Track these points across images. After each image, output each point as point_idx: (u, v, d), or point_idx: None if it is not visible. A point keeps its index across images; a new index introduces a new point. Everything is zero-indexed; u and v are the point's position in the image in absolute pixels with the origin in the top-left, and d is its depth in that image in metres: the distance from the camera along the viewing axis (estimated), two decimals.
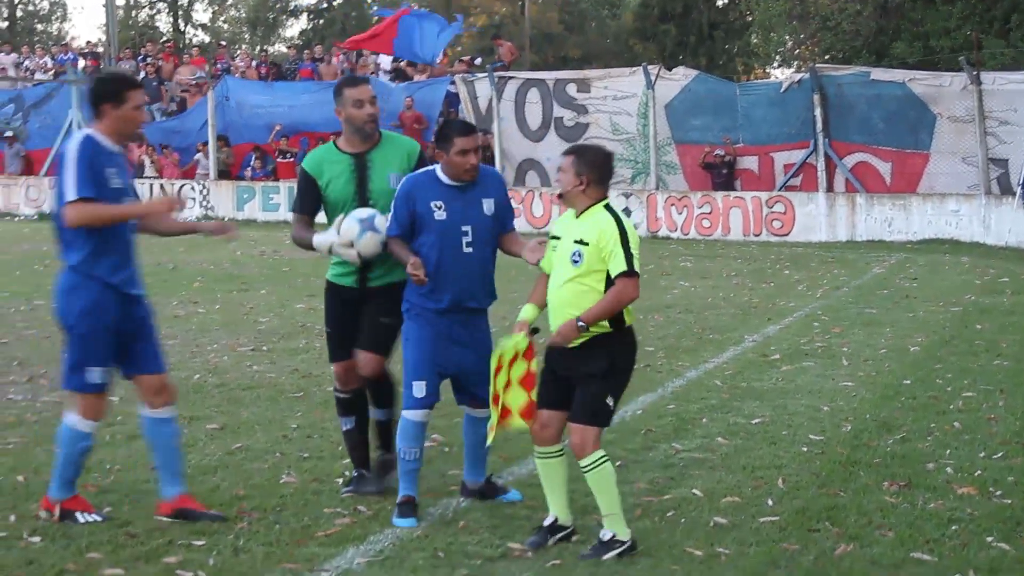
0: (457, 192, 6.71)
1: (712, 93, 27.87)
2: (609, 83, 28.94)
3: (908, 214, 25.26)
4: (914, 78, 25.86)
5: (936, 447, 7.97)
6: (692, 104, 27.72)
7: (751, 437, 8.34)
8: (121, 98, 6.38)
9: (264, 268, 20.03)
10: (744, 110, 27.43)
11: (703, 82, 28.27)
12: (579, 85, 29.20)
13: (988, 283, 17.99)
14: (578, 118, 28.99)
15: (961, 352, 11.77)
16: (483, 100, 30.17)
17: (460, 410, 6.95)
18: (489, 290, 6.85)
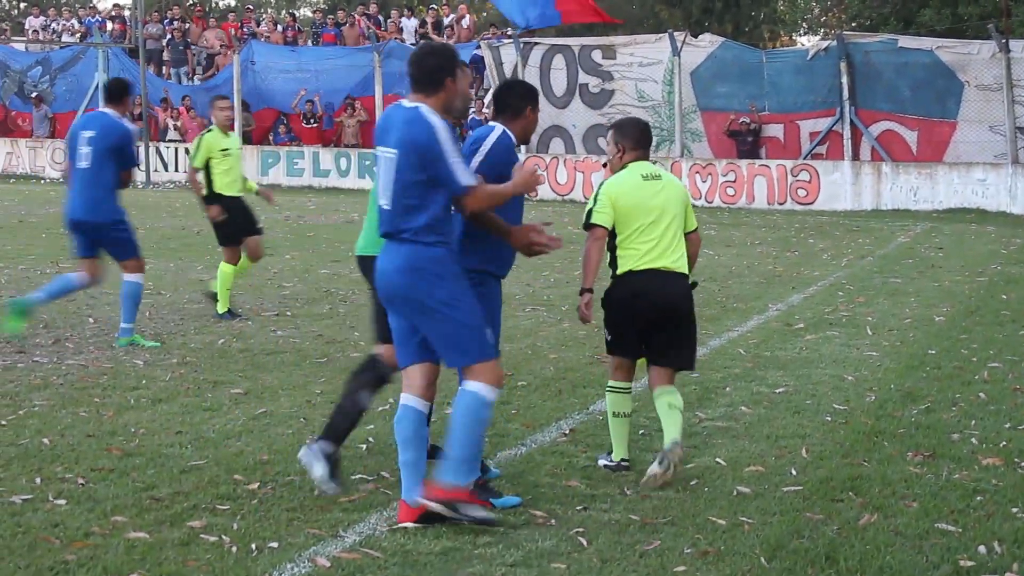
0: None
1: (738, 60, 27.72)
2: (635, 50, 28.82)
3: (934, 183, 25.12)
4: (942, 46, 25.68)
5: (961, 417, 7.92)
6: (718, 71, 27.61)
7: (775, 406, 8.30)
8: (457, 73, 6.02)
9: (288, 233, 20.04)
10: (770, 78, 27.28)
11: (729, 49, 28.12)
12: (604, 51, 29.09)
13: (1014, 253, 17.88)
14: (603, 85, 28.88)
15: (987, 322, 11.70)
16: (508, 66, 30.08)
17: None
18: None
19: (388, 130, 5.93)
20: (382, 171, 5.93)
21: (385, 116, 6.08)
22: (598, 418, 7.91)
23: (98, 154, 10.08)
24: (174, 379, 8.97)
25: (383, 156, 5.91)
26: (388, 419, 7.79)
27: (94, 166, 10.09)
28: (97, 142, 10.10)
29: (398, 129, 5.86)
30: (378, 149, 5.98)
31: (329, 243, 18.57)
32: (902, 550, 5.54)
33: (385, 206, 5.91)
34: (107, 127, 10.18)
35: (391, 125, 5.92)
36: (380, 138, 5.99)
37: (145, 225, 20.84)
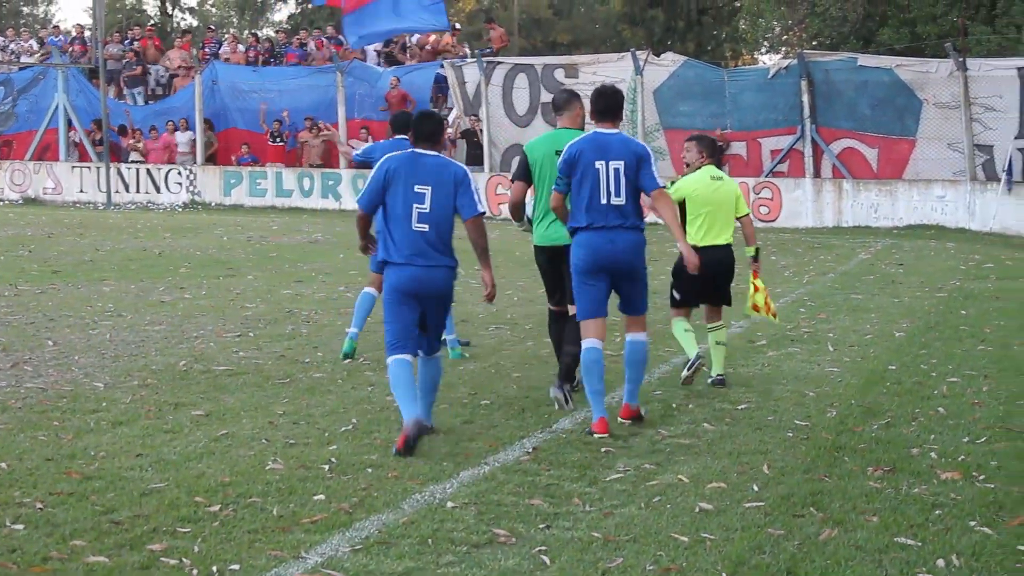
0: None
1: (700, 79, 27.85)
2: (597, 68, 28.89)
3: (894, 200, 25.31)
4: (901, 64, 25.91)
5: (920, 432, 7.98)
6: (680, 90, 27.73)
7: (737, 423, 8.34)
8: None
9: (251, 253, 19.99)
10: (732, 96, 27.42)
11: (691, 68, 28.25)
12: (567, 70, 29.16)
13: (973, 269, 18.04)
14: None
15: (946, 338, 11.80)
16: (471, 85, 30.13)
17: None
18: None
19: (608, 148, 8.22)
20: (608, 177, 8.17)
21: (595, 138, 8.29)
22: (561, 436, 7.93)
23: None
24: (135, 401, 8.92)
25: (609, 166, 8.17)
26: (351, 439, 7.79)
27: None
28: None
29: (619, 147, 8.24)
30: (596, 163, 8.17)
31: (292, 264, 18.53)
32: (862, 564, 5.57)
33: (620, 203, 8.19)
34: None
35: (610, 143, 8.25)
36: (599, 154, 8.19)
37: (106, 246, 20.75)
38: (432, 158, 7.98)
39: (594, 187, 8.17)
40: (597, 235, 8.18)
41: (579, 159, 8.20)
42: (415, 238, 7.82)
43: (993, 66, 24.88)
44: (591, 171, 8.17)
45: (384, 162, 8.04)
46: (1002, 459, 7.31)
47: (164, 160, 33.04)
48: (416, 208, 7.82)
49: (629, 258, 8.25)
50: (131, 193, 33.05)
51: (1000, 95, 24.38)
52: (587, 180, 8.18)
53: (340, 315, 13.21)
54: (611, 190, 8.17)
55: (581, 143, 8.29)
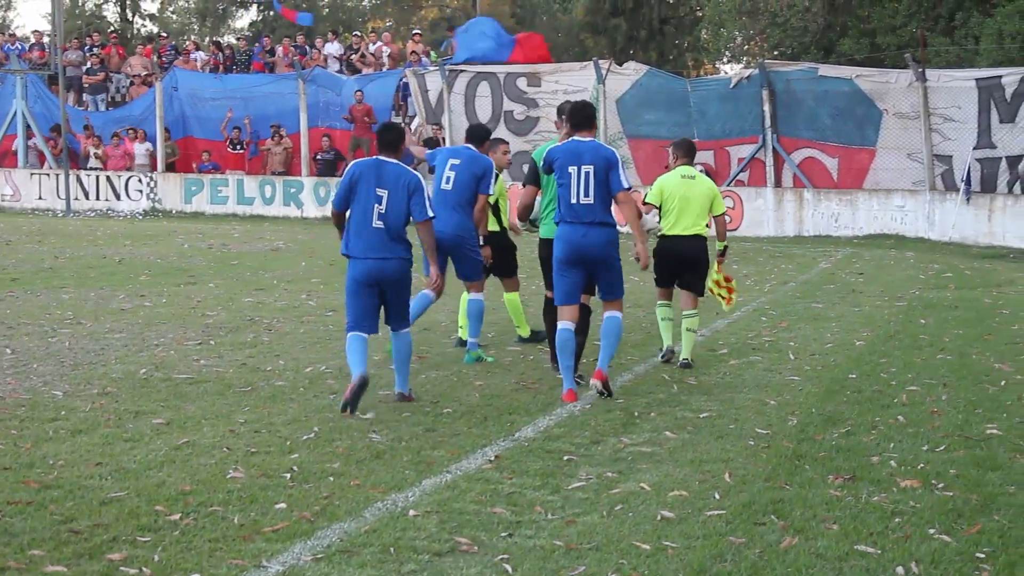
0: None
1: (664, 88, 27.94)
2: (560, 77, 28.98)
3: (854, 209, 25.49)
4: (861, 74, 26.09)
5: (880, 440, 8.04)
6: (644, 99, 27.82)
7: (699, 431, 8.37)
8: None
9: (212, 261, 19.90)
10: (696, 105, 27.51)
11: (654, 77, 28.35)
12: (529, 79, 29.21)
13: (932, 278, 18.19)
14: (528, 112, 29.01)
15: (905, 346, 11.89)
16: (434, 93, 30.14)
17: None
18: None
19: (581, 154, 9.32)
20: (580, 180, 9.28)
21: (570, 146, 9.38)
22: (524, 445, 7.93)
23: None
24: (94, 410, 8.86)
25: (581, 170, 9.27)
26: (313, 448, 7.77)
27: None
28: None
29: (591, 153, 9.31)
30: (569, 168, 9.30)
31: (253, 271, 18.46)
32: (823, 572, 5.61)
33: (589, 202, 9.29)
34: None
35: (583, 150, 9.33)
36: (573, 159, 9.30)
37: (65, 254, 20.60)
38: (393, 165, 9.12)
39: (568, 188, 9.34)
40: (571, 229, 9.37)
41: (555, 163, 9.42)
42: (372, 233, 8.99)
43: (952, 77, 25.09)
44: (566, 174, 9.36)
45: (352, 167, 9.23)
46: (961, 467, 7.37)
47: (124, 167, 32.85)
48: (376, 208, 9.00)
49: (600, 250, 9.37)
50: (91, 200, 32.85)
51: (959, 106, 24.58)
52: (564, 182, 9.37)
53: (302, 323, 13.18)
54: (581, 191, 9.31)
55: (559, 149, 9.48)
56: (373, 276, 8.97)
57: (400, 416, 8.69)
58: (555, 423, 8.56)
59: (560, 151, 9.43)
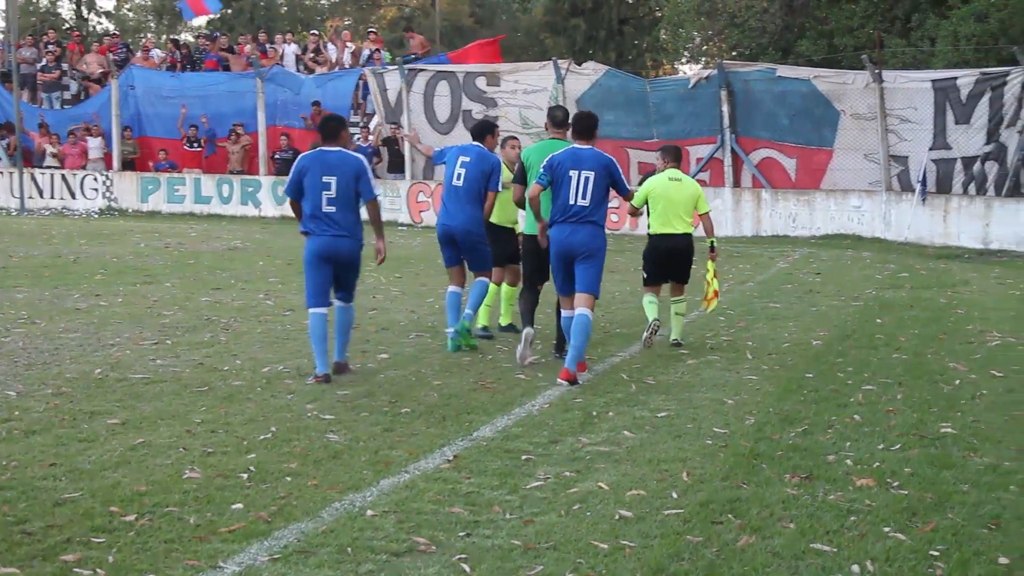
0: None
1: (623, 88, 27.99)
2: (519, 77, 29.00)
3: (812, 210, 25.65)
4: (819, 75, 26.23)
5: (837, 439, 8.10)
6: (603, 99, 27.84)
7: (657, 430, 8.40)
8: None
9: (169, 260, 19.78)
10: (656, 106, 27.59)
11: (614, 77, 28.41)
12: (489, 78, 29.22)
13: (888, 278, 18.33)
14: (487, 111, 28.98)
15: (862, 346, 11.98)
16: (392, 93, 30.09)
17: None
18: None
19: (582, 160, 10.22)
20: (579, 184, 10.17)
21: (572, 151, 10.31)
22: (482, 444, 7.93)
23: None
24: (48, 410, 8.79)
25: (581, 175, 10.16)
26: (270, 448, 7.74)
27: None
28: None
29: (591, 159, 10.22)
30: (571, 172, 10.18)
31: (210, 271, 18.36)
32: (779, 570, 5.64)
33: (584, 203, 10.16)
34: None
35: (584, 156, 10.25)
36: (574, 164, 10.19)
37: (19, 252, 20.42)
38: (336, 153, 10.20)
39: (566, 190, 10.21)
40: (562, 227, 10.25)
41: (558, 167, 10.24)
42: (325, 216, 10.10)
43: (908, 78, 25.27)
44: (566, 178, 10.21)
45: (299, 160, 10.32)
46: (916, 465, 7.43)
47: (80, 166, 32.61)
48: (325, 194, 10.08)
49: (585, 242, 10.19)
50: (45, 199, 32.59)
51: (915, 107, 24.77)
52: (563, 184, 10.22)
53: (260, 323, 13.13)
54: (579, 193, 10.18)
55: (562, 155, 10.32)
56: (329, 251, 10.10)
57: (358, 416, 8.67)
58: (513, 423, 8.57)
59: (564, 156, 10.31)
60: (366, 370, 10.53)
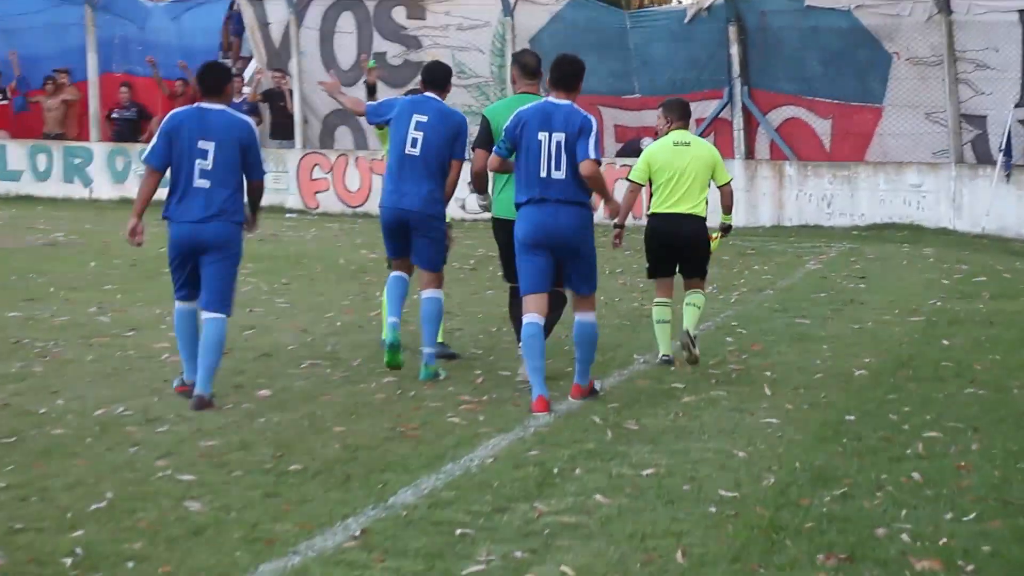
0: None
1: (593, 24, 28.00)
2: (451, 8, 29.02)
3: (854, 190, 25.77)
4: (862, 4, 26.25)
5: (888, 506, 8.13)
6: (567, 38, 27.72)
7: (641, 494, 8.42)
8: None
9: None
10: (638, 48, 27.61)
11: (581, 9, 28.42)
12: (410, 9, 29.22)
13: (958, 283, 18.47)
14: (408, 55, 29.01)
15: (922, 377, 12.05)
16: (277, 27, 30.03)
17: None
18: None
19: (552, 118, 10.58)
20: (550, 150, 10.53)
21: (542, 107, 10.71)
22: (401, 514, 7.92)
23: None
24: None
25: (551, 138, 10.54)
26: (105, 522, 7.69)
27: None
28: None
29: (564, 118, 10.58)
30: (539, 134, 10.54)
31: (21, 275, 18.24)
32: None
33: (560, 176, 10.54)
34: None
35: (555, 114, 10.61)
36: (543, 124, 10.57)
37: None
38: (218, 113, 10.66)
39: (535, 160, 10.59)
40: (539, 209, 10.61)
41: (523, 129, 10.65)
42: (195, 193, 10.54)
43: (987, 7, 25.28)
44: (534, 143, 10.61)
45: (169, 117, 10.74)
46: (997, 543, 7.47)
47: None
48: (199, 164, 10.51)
49: (572, 234, 10.64)
50: None
51: (996, 48, 24.86)
52: (530, 152, 10.61)
53: (91, 347, 13.05)
54: (552, 163, 10.58)
55: (527, 112, 10.72)
56: (194, 241, 10.59)
57: (229, 476, 8.63)
58: (444, 483, 8.56)
59: (532, 113, 10.69)
60: (240, 413, 10.50)
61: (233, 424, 10.11)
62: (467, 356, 12.93)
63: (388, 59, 29.03)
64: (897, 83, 25.88)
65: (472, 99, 27.97)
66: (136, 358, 12.54)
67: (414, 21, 29.17)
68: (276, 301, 16.13)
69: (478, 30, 28.59)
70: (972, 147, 25.34)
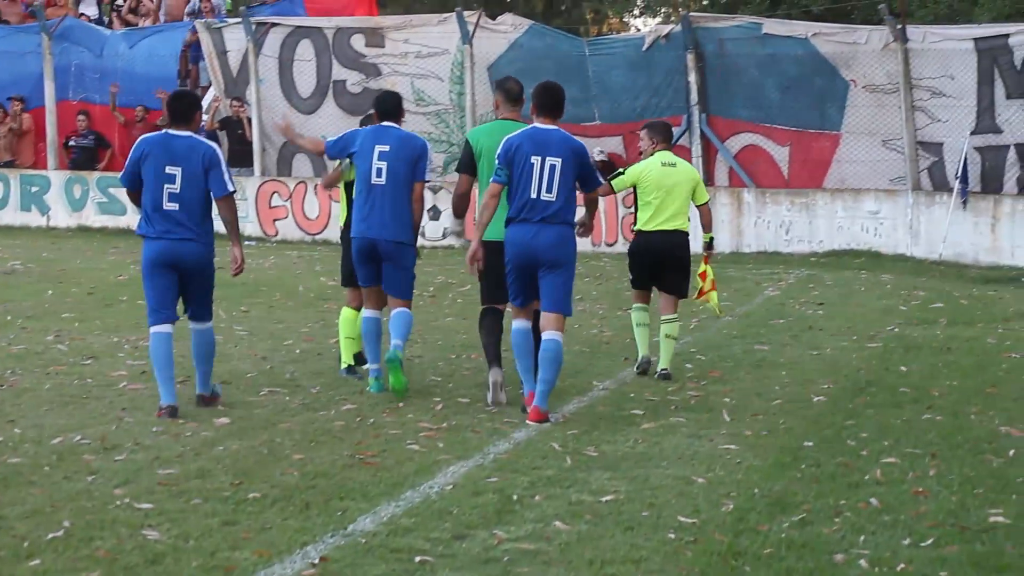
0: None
1: (552, 51, 28.01)
2: (410, 35, 29.01)
3: (812, 216, 25.84)
4: (820, 32, 26.34)
5: (846, 532, 8.15)
6: (525, 65, 27.68)
7: (600, 520, 8.42)
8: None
9: None
10: (597, 75, 27.62)
11: (539, 35, 28.47)
12: (368, 37, 29.20)
13: (916, 310, 18.53)
14: (367, 82, 28.96)
15: (880, 403, 12.09)
16: (235, 55, 29.94)
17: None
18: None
19: (547, 144, 11.28)
20: (543, 173, 11.18)
21: (534, 132, 11.36)
22: (360, 541, 7.91)
23: None
24: None
25: (545, 162, 11.20)
26: (61, 552, 7.65)
27: None
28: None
29: (559, 144, 11.32)
30: (532, 158, 11.19)
31: None
32: None
33: (550, 198, 11.18)
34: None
35: (549, 140, 11.32)
36: (537, 149, 11.22)
37: None
38: (184, 139, 11.35)
39: (527, 181, 11.21)
40: (522, 228, 11.26)
41: (516, 153, 11.22)
42: (166, 215, 11.24)
43: (942, 36, 25.45)
44: (527, 166, 11.21)
45: (139, 143, 11.50)
46: (954, 568, 7.48)
47: None
48: (167, 187, 11.23)
49: (551, 250, 11.24)
50: None
51: (951, 75, 24.97)
52: (523, 174, 11.21)
53: (48, 375, 13.00)
54: (543, 186, 11.20)
55: (519, 137, 11.32)
56: (168, 256, 11.29)
57: (187, 504, 8.61)
58: (403, 511, 8.55)
59: (522, 138, 11.32)
60: (198, 440, 10.47)
61: (191, 452, 10.08)
62: (427, 383, 12.92)
63: (349, 87, 29.03)
64: (854, 110, 25.99)
65: (431, 126, 28.00)
66: (94, 386, 12.50)
67: (373, 49, 29.15)
68: (235, 328, 16.09)
69: (437, 58, 28.60)
70: (929, 174, 25.44)
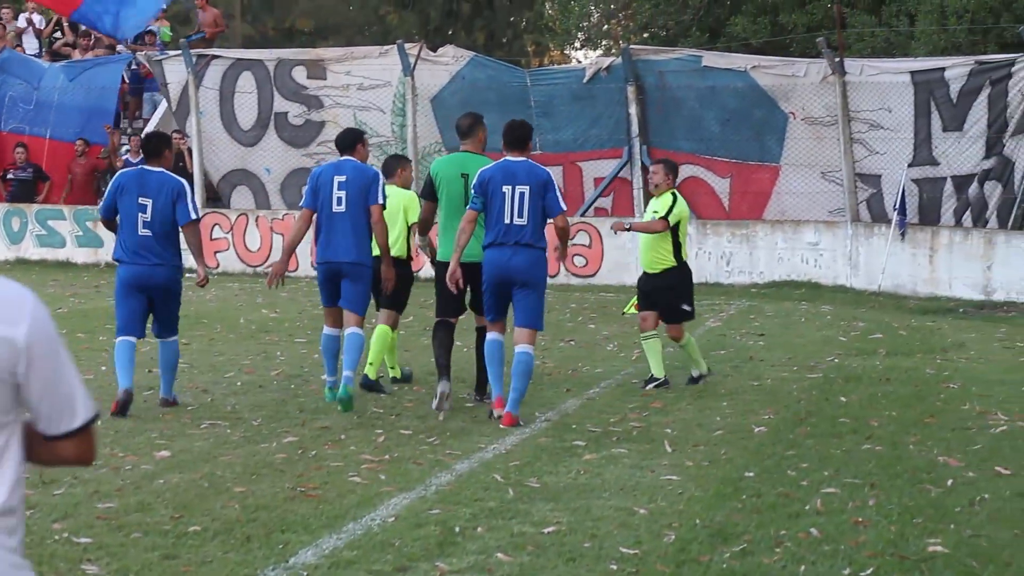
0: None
1: (494, 82, 28.06)
2: (352, 67, 29.03)
3: (752, 248, 25.95)
4: (759, 65, 26.50)
5: (787, 562, 8.18)
6: (467, 97, 27.79)
7: (542, 552, 8.42)
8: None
9: None
10: (539, 105, 27.67)
11: (481, 67, 28.53)
12: (310, 69, 29.21)
13: (855, 340, 18.63)
14: (309, 114, 28.98)
15: (820, 433, 12.14)
16: (175, 87, 29.91)
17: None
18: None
19: (515, 174, 12.52)
20: (514, 200, 12.43)
21: (504, 165, 12.62)
22: (301, 574, 7.89)
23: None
24: None
25: (515, 190, 12.43)
26: None
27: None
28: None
29: (526, 173, 12.55)
30: (504, 187, 12.44)
31: None
32: None
33: (522, 223, 12.42)
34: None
35: (517, 170, 12.57)
36: (507, 179, 12.48)
37: None
38: (156, 174, 12.90)
39: (500, 208, 12.44)
40: (498, 251, 12.49)
41: (489, 183, 12.47)
42: (139, 241, 12.71)
43: (880, 69, 25.68)
44: (499, 194, 12.45)
45: (118, 177, 13.18)
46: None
47: None
48: (140, 216, 12.70)
49: (523, 270, 12.47)
50: None
51: (889, 108, 25.17)
52: (495, 202, 12.46)
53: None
54: (515, 211, 12.43)
55: (492, 170, 12.63)
56: (140, 280, 12.78)
57: (127, 538, 8.56)
58: (345, 543, 8.54)
59: (495, 170, 12.61)
60: (138, 473, 10.42)
61: (131, 485, 10.03)
62: (369, 415, 12.90)
63: (290, 119, 29.02)
64: (793, 142, 26.15)
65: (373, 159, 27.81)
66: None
67: (315, 81, 29.15)
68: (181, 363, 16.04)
69: (379, 90, 28.62)
70: (867, 206, 25.61)
